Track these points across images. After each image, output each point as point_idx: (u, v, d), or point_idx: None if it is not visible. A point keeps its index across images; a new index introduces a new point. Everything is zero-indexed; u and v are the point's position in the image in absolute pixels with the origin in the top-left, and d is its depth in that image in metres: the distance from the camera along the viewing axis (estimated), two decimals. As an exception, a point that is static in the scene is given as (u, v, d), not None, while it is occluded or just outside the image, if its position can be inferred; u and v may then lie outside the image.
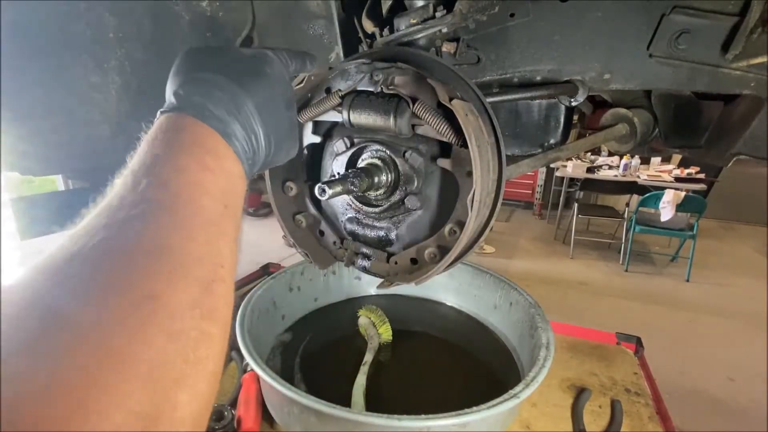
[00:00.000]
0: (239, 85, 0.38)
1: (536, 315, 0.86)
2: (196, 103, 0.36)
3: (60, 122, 0.62)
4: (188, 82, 0.38)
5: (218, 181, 0.32)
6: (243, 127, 0.38)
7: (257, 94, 0.39)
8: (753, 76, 0.55)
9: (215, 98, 0.37)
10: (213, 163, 0.33)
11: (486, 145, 0.47)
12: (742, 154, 0.64)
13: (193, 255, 0.27)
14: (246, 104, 0.38)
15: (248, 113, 0.38)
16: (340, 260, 0.63)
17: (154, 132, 0.34)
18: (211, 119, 0.35)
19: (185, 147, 0.32)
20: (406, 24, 0.58)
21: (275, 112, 0.41)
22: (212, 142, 0.35)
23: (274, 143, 0.42)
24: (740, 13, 0.51)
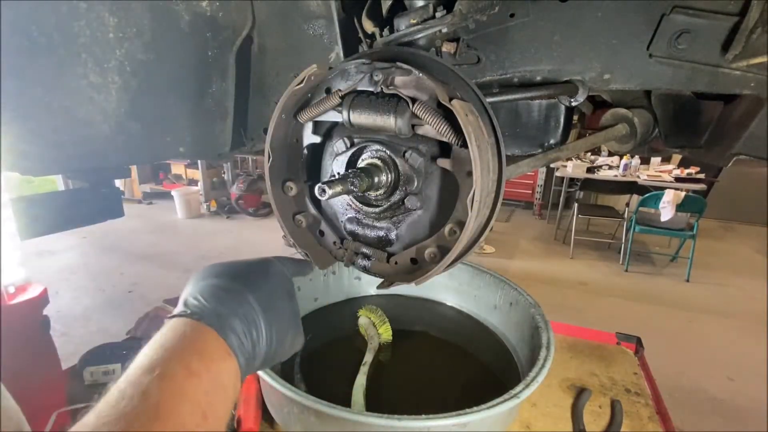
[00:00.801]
0: (241, 282, 0.42)
1: (536, 315, 0.86)
2: (195, 304, 0.39)
3: (60, 122, 0.62)
4: (195, 287, 0.41)
5: (201, 386, 0.34)
6: (242, 320, 0.40)
7: (258, 288, 0.43)
8: (753, 76, 0.55)
9: (216, 296, 0.40)
10: (199, 365, 0.35)
11: (486, 145, 0.47)
12: (742, 154, 0.64)
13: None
14: (247, 297, 0.41)
15: (249, 306, 0.41)
16: (340, 260, 0.63)
17: (158, 335, 0.37)
18: (209, 316, 0.38)
19: (176, 351, 0.35)
20: (406, 24, 0.58)
21: (276, 303, 0.44)
22: (203, 341, 0.37)
23: (276, 334, 0.43)
24: (740, 13, 0.51)
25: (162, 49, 0.69)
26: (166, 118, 0.75)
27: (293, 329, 0.47)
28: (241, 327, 0.39)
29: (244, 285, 0.42)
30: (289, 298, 0.47)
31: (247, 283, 0.43)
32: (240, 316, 0.40)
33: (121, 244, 4.68)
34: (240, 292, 0.41)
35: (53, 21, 0.57)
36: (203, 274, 0.43)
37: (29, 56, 0.57)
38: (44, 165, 0.63)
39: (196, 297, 0.40)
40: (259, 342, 0.41)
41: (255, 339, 0.41)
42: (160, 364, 0.33)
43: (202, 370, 0.35)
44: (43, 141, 0.61)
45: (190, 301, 0.40)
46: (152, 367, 0.33)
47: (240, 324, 0.40)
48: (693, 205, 3.88)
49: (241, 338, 0.39)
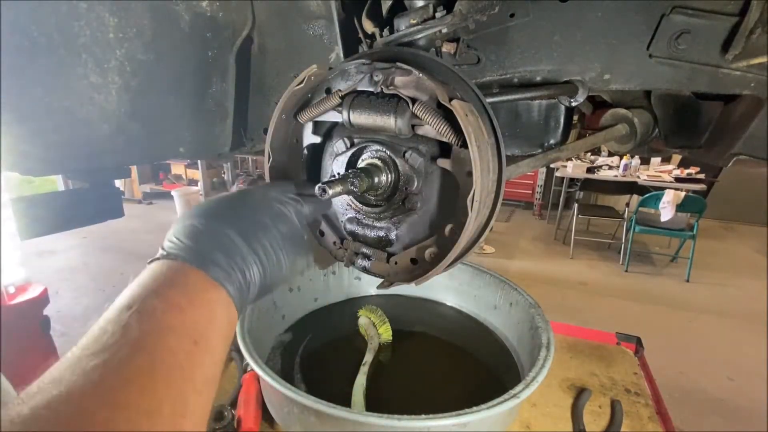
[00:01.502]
0: (219, 218, 0.41)
1: (536, 315, 0.86)
2: (171, 246, 0.39)
3: (60, 122, 0.62)
4: (172, 231, 0.41)
5: (186, 317, 0.33)
6: (224, 252, 0.39)
7: (237, 219, 0.42)
8: (753, 76, 0.55)
9: (192, 235, 0.39)
10: (182, 299, 0.34)
11: (486, 145, 0.47)
12: (742, 154, 0.64)
13: (144, 409, 0.27)
14: (225, 231, 0.40)
15: (228, 238, 0.40)
16: (340, 260, 0.63)
17: (136, 279, 0.36)
18: (186, 254, 0.37)
19: (154, 288, 0.34)
20: (406, 24, 0.58)
21: (261, 230, 0.43)
22: (183, 276, 0.36)
23: (268, 260, 0.43)
24: (740, 13, 0.51)
25: (162, 49, 0.69)
26: (166, 118, 0.75)
27: (290, 251, 0.46)
28: (223, 259, 0.39)
29: (221, 220, 0.41)
30: (275, 222, 0.45)
31: (225, 218, 0.42)
32: (221, 248, 0.39)
33: (121, 244, 4.68)
34: (217, 227, 0.40)
35: (53, 21, 0.57)
36: (180, 217, 0.43)
37: (29, 56, 0.57)
38: (44, 165, 0.63)
39: (171, 239, 0.39)
40: (249, 270, 0.41)
41: (242, 267, 0.40)
42: (138, 301, 0.33)
43: (184, 302, 0.34)
44: (44, 141, 0.61)
45: (167, 244, 0.39)
46: (130, 304, 0.32)
47: (222, 256, 0.39)
48: (693, 205, 3.88)
49: (225, 269, 0.38)
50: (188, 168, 6.76)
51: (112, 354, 0.28)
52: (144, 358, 0.29)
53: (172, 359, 0.30)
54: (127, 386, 0.27)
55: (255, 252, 0.42)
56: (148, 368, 0.29)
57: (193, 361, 0.32)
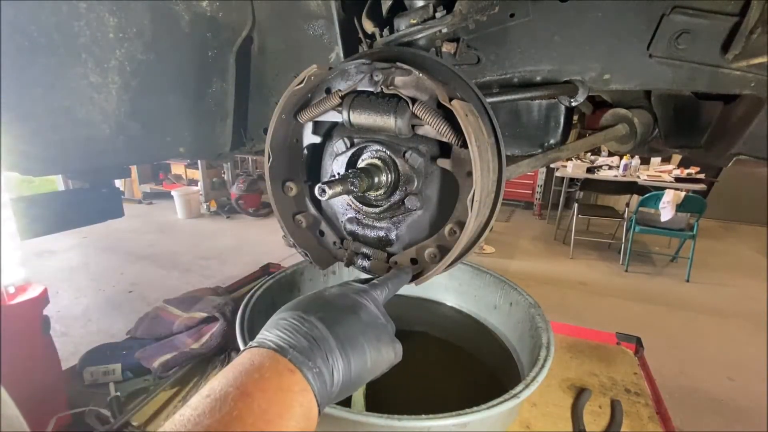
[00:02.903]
0: (301, 309, 0.42)
1: (536, 315, 0.86)
2: (260, 336, 0.40)
3: (60, 122, 0.62)
4: (267, 323, 0.42)
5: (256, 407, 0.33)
6: (307, 337, 0.39)
7: (318, 308, 0.43)
8: (753, 76, 0.55)
9: (277, 323, 0.41)
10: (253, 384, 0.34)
11: (486, 145, 0.47)
12: (742, 154, 0.64)
13: None
14: (309, 318, 0.41)
15: (311, 325, 0.40)
16: (340, 260, 0.63)
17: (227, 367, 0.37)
18: (268, 340, 0.39)
19: (232, 374, 0.35)
20: (406, 24, 0.58)
21: (343, 318, 0.43)
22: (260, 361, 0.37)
23: (351, 348, 0.41)
24: (740, 13, 0.51)
25: (162, 49, 0.69)
26: (166, 118, 0.75)
27: (372, 339, 0.44)
28: (304, 343, 0.38)
29: (302, 310, 0.42)
30: (355, 313, 0.44)
31: (305, 308, 0.42)
32: (303, 334, 0.39)
33: (121, 244, 4.68)
34: (300, 316, 0.41)
35: (53, 21, 0.57)
36: (290, 304, 0.44)
37: (29, 56, 0.57)
38: (44, 165, 0.63)
39: (261, 333, 0.41)
40: (331, 357, 0.39)
41: (323, 353, 0.39)
42: (216, 389, 0.33)
43: (255, 389, 0.34)
44: (44, 141, 0.61)
45: (256, 339, 0.40)
46: (210, 392, 0.33)
47: (304, 340, 0.38)
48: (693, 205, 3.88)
49: (306, 353, 0.38)
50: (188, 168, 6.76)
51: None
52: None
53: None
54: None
55: (337, 337, 0.40)
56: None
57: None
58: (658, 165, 5.18)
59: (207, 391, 0.33)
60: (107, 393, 0.94)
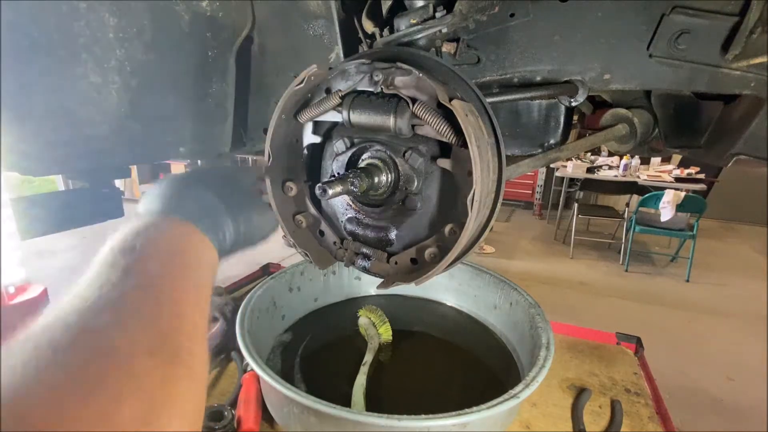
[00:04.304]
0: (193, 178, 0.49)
1: (536, 315, 0.86)
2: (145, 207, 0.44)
3: (60, 122, 0.62)
4: (147, 197, 0.47)
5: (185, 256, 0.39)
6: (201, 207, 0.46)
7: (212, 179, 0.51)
8: (753, 76, 0.55)
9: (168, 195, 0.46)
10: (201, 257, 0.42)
11: (486, 145, 0.47)
12: (742, 154, 0.64)
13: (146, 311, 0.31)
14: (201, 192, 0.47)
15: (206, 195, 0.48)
16: (340, 260, 0.63)
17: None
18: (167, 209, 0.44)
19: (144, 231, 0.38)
20: (406, 24, 0.58)
21: (233, 189, 0.52)
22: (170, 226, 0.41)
23: (240, 214, 0.50)
24: (740, 13, 0.51)
25: (162, 49, 0.69)
26: (166, 118, 0.75)
27: (256, 207, 0.54)
28: (192, 205, 0.45)
29: (195, 179, 0.50)
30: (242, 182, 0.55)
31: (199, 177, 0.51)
32: (198, 204, 0.46)
33: (121, 244, 4.68)
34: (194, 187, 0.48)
35: (53, 21, 0.57)
36: (152, 188, 0.49)
37: (29, 56, 0.57)
38: (44, 165, 0.63)
39: (142, 201, 0.46)
40: (224, 223, 0.47)
41: (218, 221, 0.46)
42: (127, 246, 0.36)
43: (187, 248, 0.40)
44: (43, 141, 0.61)
45: (141, 207, 0.45)
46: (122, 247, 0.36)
47: (207, 214, 0.46)
48: (693, 205, 3.88)
49: (208, 223, 0.44)
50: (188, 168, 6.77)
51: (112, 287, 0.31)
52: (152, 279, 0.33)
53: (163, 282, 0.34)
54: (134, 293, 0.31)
55: (227, 204, 0.48)
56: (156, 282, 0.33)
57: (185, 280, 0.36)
58: (658, 165, 5.18)
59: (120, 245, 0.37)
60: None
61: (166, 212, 0.42)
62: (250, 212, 0.52)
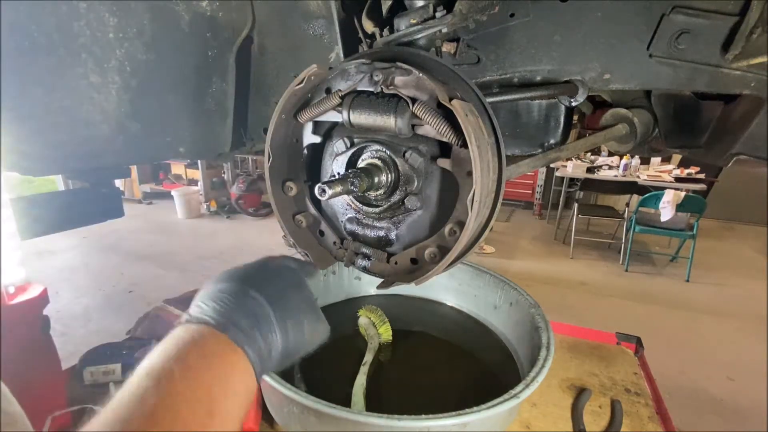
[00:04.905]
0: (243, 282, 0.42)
1: (536, 315, 0.86)
2: (196, 310, 0.39)
3: (60, 122, 0.62)
4: (198, 297, 0.41)
5: (203, 383, 0.33)
6: (247, 315, 0.39)
7: (262, 284, 0.43)
8: (753, 76, 0.55)
9: (217, 299, 0.39)
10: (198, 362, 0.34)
11: (486, 145, 0.47)
12: (742, 154, 0.64)
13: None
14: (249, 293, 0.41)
15: (253, 300, 0.41)
16: (340, 260, 0.63)
17: (159, 344, 0.36)
18: (209, 318, 0.38)
19: (173, 352, 0.34)
20: (406, 24, 0.58)
21: (284, 294, 0.44)
22: (202, 340, 0.36)
23: (291, 325, 0.43)
24: (740, 13, 0.51)
25: (162, 49, 0.69)
26: (166, 118, 0.75)
27: (310, 317, 0.46)
28: (246, 322, 0.38)
29: (245, 283, 0.42)
30: (298, 289, 0.47)
31: (249, 281, 0.42)
32: (244, 312, 0.39)
33: (121, 244, 4.68)
34: (242, 291, 0.41)
35: (53, 21, 0.57)
36: (207, 284, 0.43)
37: (29, 56, 0.57)
38: (44, 165, 0.63)
39: (198, 304, 0.40)
40: (271, 334, 0.40)
41: (265, 332, 0.39)
42: (157, 367, 0.33)
43: (202, 366, 0.33)
44: (43, 141, 0.61)
45: (192, 309, 0.39)
46: (150, 370, 0.32)
47: (245, 319, 0.38)
48: (693, 205, 3.88)
49: (247, 332, 0.38)
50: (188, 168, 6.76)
51: (126, 426, 0.29)
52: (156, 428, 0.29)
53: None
54: None
55: (278, 314, 0.41)
56: None
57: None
58: (658, 165, 5.18)
59: (146, 370, 0.33)
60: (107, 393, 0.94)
61: (217, 324, 0.37)
62: (302, 319, 0.45)
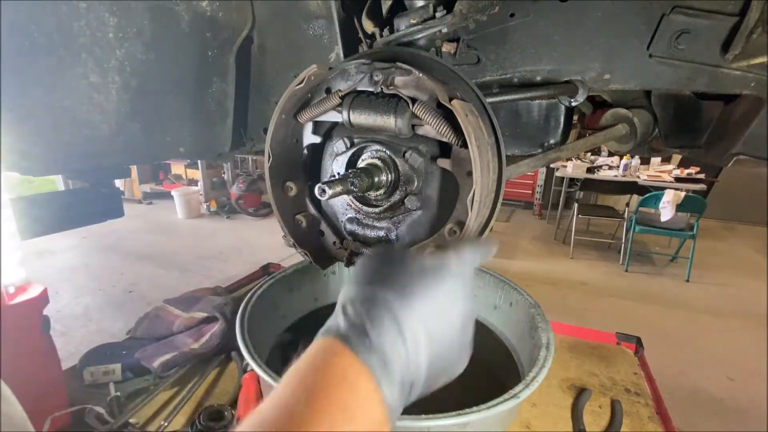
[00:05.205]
0: (413, 307, 0.34)
1: (536, 315, 0.86)
2: (345, 323, 0.33)
3: (60, 122, 0.62)
4: (348, 292, 0.35)
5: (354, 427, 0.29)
6: (405, 366, 0.33)
7: (430, 317, 0.35)
8: (753, 76, 0.55)
9: (370, 315, 0.33)
10: (356, 410, 0.30)
11: (486, 145, 0.47)
12: (742, 154, 0.64)
13: None
14: (416, 334, 0.33)
15: (416, 347, 0.33)
16: (340, 260, 0.63)
17: (314, 352, 0.33)
18: (364, 349, 0.32)
19: (330, 382, 0.30)
20: (406, 24, 0.58)
21: (448, 335, 0.36)
22: (355, 377, 0.31)
23: (435, 372, 0.36)
24: (740, 13, 0.51)
25: (162, 49, 0.69)
26: (166, 118, 0.75)
27: (458, 364, 0.39)
28: (399, 376, 0.32)
29: (414, 310, 0.34)
30: (462, 329, 0.38)
31: (421, 308, 0.34)
32: (402, 355, 0.33)
33: (121, 244, 4.68)
34: (408, 324, 0.33)
35: (53, 21, 0.57)
36: (356, 275, 0.37)
37: (29, 56, 0.57)
38: (44, 165, 0.63)
39: (346, 308, 0.34)
40: (417, 380, 0.34)
41: (413, 381, 0.34)
42: (313, 394, 0.29)
43: (359, 415, 0.30)
44: (44, 141, 0.61)
45: (350, 317, 0.34)
46: (307, 394, 0.29)
47: (399, 373, 0.32)
48: (693, 205, 3.88)
49: (400, 387, 0.33)
50: (188, 168, 6.76)
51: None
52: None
53: None
54: None
55: (432, 363, 0.35)
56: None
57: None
58: (658, 165, 5.18)
59: (303, 392, 0.29)
60: (107, 393, 0.94)
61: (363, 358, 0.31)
62: (450, 356, 0.37)
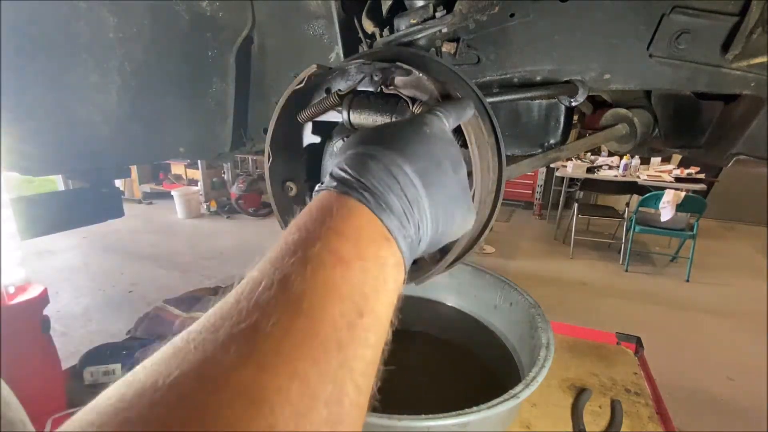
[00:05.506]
0: (396, 150, 0.33)
1: (536, 315, 0.86)
2: (342, 175, 0.31)
3: (60, 122, 0.62)
4: (341, 157, 0.34)
5: (354, 278, 0.27)
6: (400, 196, 0.32)
7: (417, 157, 0.34)
8: (753, 76, 0.55)
9: (365, 167, 0.31)
10: (351, 251, 0.27)
11: (486, 145, 0.47)
12: (742, 154, 0.64)
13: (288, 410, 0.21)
14: (403, 168, 0.32)
15: (407, 180, 0.32)
16: (340, 260, 0.63)
17: (301, 214, 0.30)
18: (359, 190, 0.30)
19: (321, 232, 0.28)
20: (406, 24, 0.58)
21: (441, 173, 0.35)
22: (355, 221, 0.29)
23: (443, 212, 0.35)
24: (740, 13, 0.51)
25: (162, 49, 0.69)
26: (166, 118, 0.75)
27: (462, 207, 0.38)
28: (399, 205, 0.31)
29: (399, 153, 0.33)
30: (454, 169, 0.37)
31: (403, 150, 0.33)
32: (397, 192, 0.31)
33: (121, 244, 4.68)
34: (394, 162, 0.32)
35: (53, 21, 0.57)
36: (349, 143, 0.36)
37: (29, 56, 0.57)
38: (44, 165, 0.63)
39: (342, 167, 0.32)
40: (423, 222, 0.33)
41: (418, 220, 0.33)
42: (302, 247, 0.27)
43: (354, 257, 0.27)
44: (43, 141, 0.61)
45: (336, 172, 0.32)
46: (294, 249, 0.26)
47: (398, 201, 0.31)
48: (693, 205, 3.88)
49: (400, 219, 0.31)
50: (188, 168, 6.76)
51: (264, 314, 0.23)
52: (302, 329, 0.23)
53: (330, 334, 0.24)
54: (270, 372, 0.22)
55: (434, 202, 0.34)
56: (299, 346, 0.23)
57: (355, 339, 0.26)
58: (658, 165, 5.18)
59: (289, 245, 0.27)
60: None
61: (374, 206, 0.30)
62: (454, 209, 0.36)
